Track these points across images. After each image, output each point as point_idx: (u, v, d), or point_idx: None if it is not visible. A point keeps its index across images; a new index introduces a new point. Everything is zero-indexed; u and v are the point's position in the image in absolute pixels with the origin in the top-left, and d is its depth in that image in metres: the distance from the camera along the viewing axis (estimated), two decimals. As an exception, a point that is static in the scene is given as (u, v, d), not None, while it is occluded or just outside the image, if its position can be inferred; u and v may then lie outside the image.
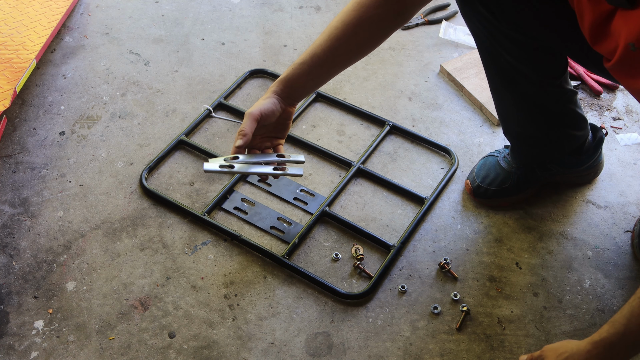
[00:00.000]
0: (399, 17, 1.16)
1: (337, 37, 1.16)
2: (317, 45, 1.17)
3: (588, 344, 0.99)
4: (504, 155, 1.49)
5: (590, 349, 0.99)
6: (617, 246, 1.43)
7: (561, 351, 1.04)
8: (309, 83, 1.21)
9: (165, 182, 1.54)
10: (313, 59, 1.17)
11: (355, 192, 1.53)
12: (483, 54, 1.30)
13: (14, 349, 1.23)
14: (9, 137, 1.62)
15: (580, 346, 1.00)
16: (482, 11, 1.19)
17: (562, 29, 1.13)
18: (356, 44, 1.18)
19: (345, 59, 1.21)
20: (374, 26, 1.16)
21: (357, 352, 1.25)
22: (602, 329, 0.98)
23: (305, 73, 1.18)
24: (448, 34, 1.93)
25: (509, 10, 1.15)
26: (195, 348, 1.25)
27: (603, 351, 0.97)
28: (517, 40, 1.20)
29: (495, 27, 1.20)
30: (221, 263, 1.39)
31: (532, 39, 1.19)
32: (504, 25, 1.18)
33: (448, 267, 1.37)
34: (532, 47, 1.20)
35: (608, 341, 0.96)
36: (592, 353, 0.98)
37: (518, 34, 1.18)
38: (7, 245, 1.40)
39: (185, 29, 1.95)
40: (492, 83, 1.35)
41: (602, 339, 0.97)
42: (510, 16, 1.16)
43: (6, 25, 1.76)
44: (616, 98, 1.76)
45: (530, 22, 1.16)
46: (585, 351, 0.99)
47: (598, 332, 0.98)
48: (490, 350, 1.26)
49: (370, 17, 1.14)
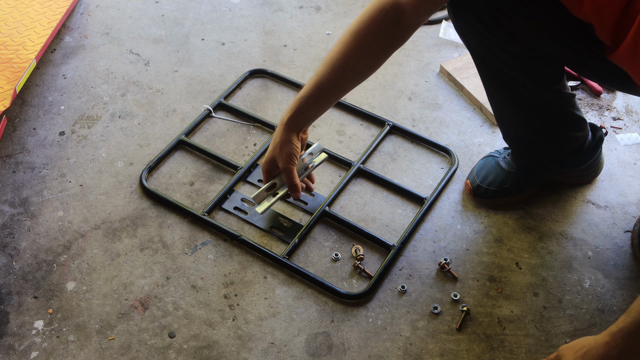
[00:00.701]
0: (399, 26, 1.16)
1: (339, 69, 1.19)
2: (321, 77, 1.20)
3: (606, 335, 0.97)
4: (504, 156, 1.49)
5: (608, 341, 0.97)
6: (617, 246, 1.43)
7: (578, 347, 1.02)
8: (319, 113, 1.27)
9: (165, 182, 1.54)
10: (320, 92, 1.21)
11: (355, 192, 1.53)
12: (479, 65, 1.29)
13: (14, 349, 1.24)
14: (9, 137, 1.62)
15: (598, 339, 0.99)
16: (476, 25, 1.17)
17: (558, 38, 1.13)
18: (358, 70, 1.22)
19: (351, 86, 1.25)
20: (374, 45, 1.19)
21: (357, 352, 1.25)
22: (618, 320, 0.96)
23: (313, 106, 1.24)
24: (448, 34, 1.93)
25: (504, 23, 1.14)
26: (195, 348, 1.25)
27: (622, 342, 0.95)
28: (512, 52, 1.19)
29: (490, 41, 1.19)
30: (221, 263, 1.39)
31: (528, 49, 1.18)
32: (499, 39, 1.17)
33: (448, 267, 1.37)
34: (528, 57, 1.19)
35: (627, 331, 0.94)
36: (611, 345, 0.96)
37: (513, 46, 1.17)
38: (7, 245, 1.40)
39: (185, 29, 1.95)
40: (488, 89, 1.35)
41: (620, 329, 0.95)
42: (505, 29, 1.15)
43: (6, 25, 1.76)
44: (616, 98, 1.76)
45: (525, 33, 1.14)
46: (603, 343, 0.97)
47: (615, 323, 0.96)
48: (490, 350, 1.26)
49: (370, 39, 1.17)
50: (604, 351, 0.97)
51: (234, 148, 1.62)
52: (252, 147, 1.62)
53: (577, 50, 1.09)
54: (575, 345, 1.04)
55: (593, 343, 1.00)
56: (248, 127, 1.67)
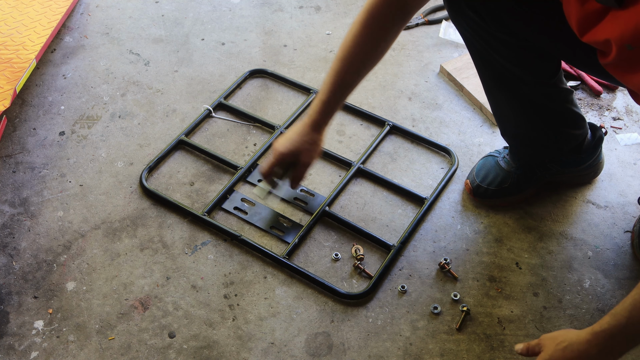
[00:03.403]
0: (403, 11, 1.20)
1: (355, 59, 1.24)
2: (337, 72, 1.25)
3: (588, 334, 0.98)
4: (503, 156, 1.49)
5: (590, 339, 0.98)
6: (617, 246, 1.43)
7: (560, 340, 1.03)
8: (339, 108, 1.33)
9: (165, 182, 1.54)
10: (341, 88, 1.27)
11: (355, 192, 1.53)
12: (475, 58, 1.30)
13: (14, 349, 1.24)
14: (9, 137, 1.62)
15: (580, 336, 1.00)
16: (470, 15, 1.19)
17: (550, 29, 1.13)
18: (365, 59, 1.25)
19: (366, 72, 1.29)
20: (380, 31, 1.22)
21: (357, 352, 1.25)
22: (602, 320, 0.97)
23: (334, 105, 1.30)
24: (448, 34, 1.93)
25: (497, 13, 1.15)
26: (195, 348, 1.25)
27: (603, 342, 0.96)
28: (507, 42, 1.20)
29: (485, 30, 1.20)
30: (221, 263, 1.39)
31: (522, 40, 1.18)
32: (492, 28, 1.18)
33: (448, 267, 1.37)
34: (522, 48, 1.20)
35: (609, 332, 0.96)
36: (592, 343, 0.98)
37: (507, 35, 1.18)
38: (7, 245, 1.40)
39: (185, 29, 1.95)
40: (486, 86, 1.35)
41: (603, 330, 0.96)
42: (499, 18, 1.16)
43: (6, 25, 1.76)
44: (616, 98, 1.76)
45: (518, 23, 1.15)
46: (585, 341, 0.98)
47: (599, 322, 0.98)
48: (490, 350, 1.26)
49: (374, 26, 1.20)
50: (585, 349, 0.98)
51: (234, 148, 1.62)
52: (252, 147, 1.62)
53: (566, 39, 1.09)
54: (557, 336, 1.04)
55: (575, 339, 1.01)
56: (248, 127, 1.67)
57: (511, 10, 1.14)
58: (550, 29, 1.13)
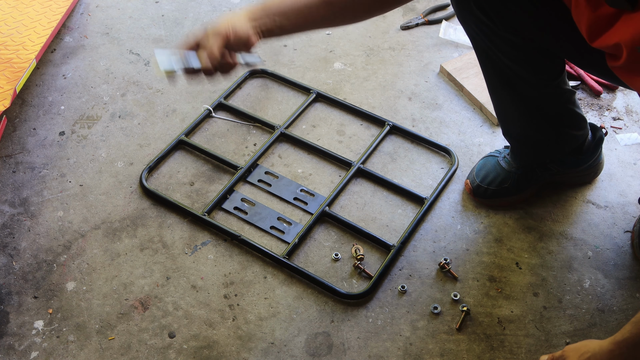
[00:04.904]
0: None
1: None
2: None
3: (611, 343, 0.99)
4: (504, 155, 1.49)
5: (613, 349, 0.98)
6: (617, 246, 1.43)
7: (583, 351, 1.03)
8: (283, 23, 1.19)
9: (165, 182, 1.54)
10: None
11: (355, 192, 1.53)
12: (480, 57, 1.30)
13: (14, 349, 1.24)
14: (9, 137, 1.62)
15: (603, 346, 1.00)
16: (478, 15, 1.19)
17: (559, 30, 1.13)
18: None
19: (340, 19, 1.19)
20: None
21: (357, 352, 1.25)
22: (624, 328, 0.97)
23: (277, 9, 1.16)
24: (448, 34, 1.93)
25: (506, 13, 1.15)
26: (195, 348, 1.25)
27: (627, 351, 0.97)
28: (514, 43, 1.19)
29: (492, 30, 1.19)
30: (221, 263, 1.39)
31: (529, 41, 1.18)
32: (500, 28, 1.18)
33: (448, 267, 1.37)
34: (529, 48, 1.20)
35: (631, 341, 0.96)
36: (615, 353, 0.98)
37: (515, 36, 1.18)
38: (7, 245, 1.40)
39: (185, 29, 1.95)
40: (490, 85, 1.35)
41: (625, 339, 0.96)
42: (507, 19, 1.16)
43: (6, 25, 1.76)
44: (616, 98, 1.76)
45: (527, 24, 1.15)
46: (607, 351, 0.99)
47: (620, 332, 0.98)
48: (490, 350, 1.26)
49: None
50: (608, 358, 0.99)
51: (234, 148, 1.62)
52: (252, 147, 1.62)
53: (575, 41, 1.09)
54: (580, 347, 1.04)
55: (598, 349, 1.01)
56: (248, 127, 1.67)
57: (519, 9, 1.13)
58: (558, 29, 1.13)
